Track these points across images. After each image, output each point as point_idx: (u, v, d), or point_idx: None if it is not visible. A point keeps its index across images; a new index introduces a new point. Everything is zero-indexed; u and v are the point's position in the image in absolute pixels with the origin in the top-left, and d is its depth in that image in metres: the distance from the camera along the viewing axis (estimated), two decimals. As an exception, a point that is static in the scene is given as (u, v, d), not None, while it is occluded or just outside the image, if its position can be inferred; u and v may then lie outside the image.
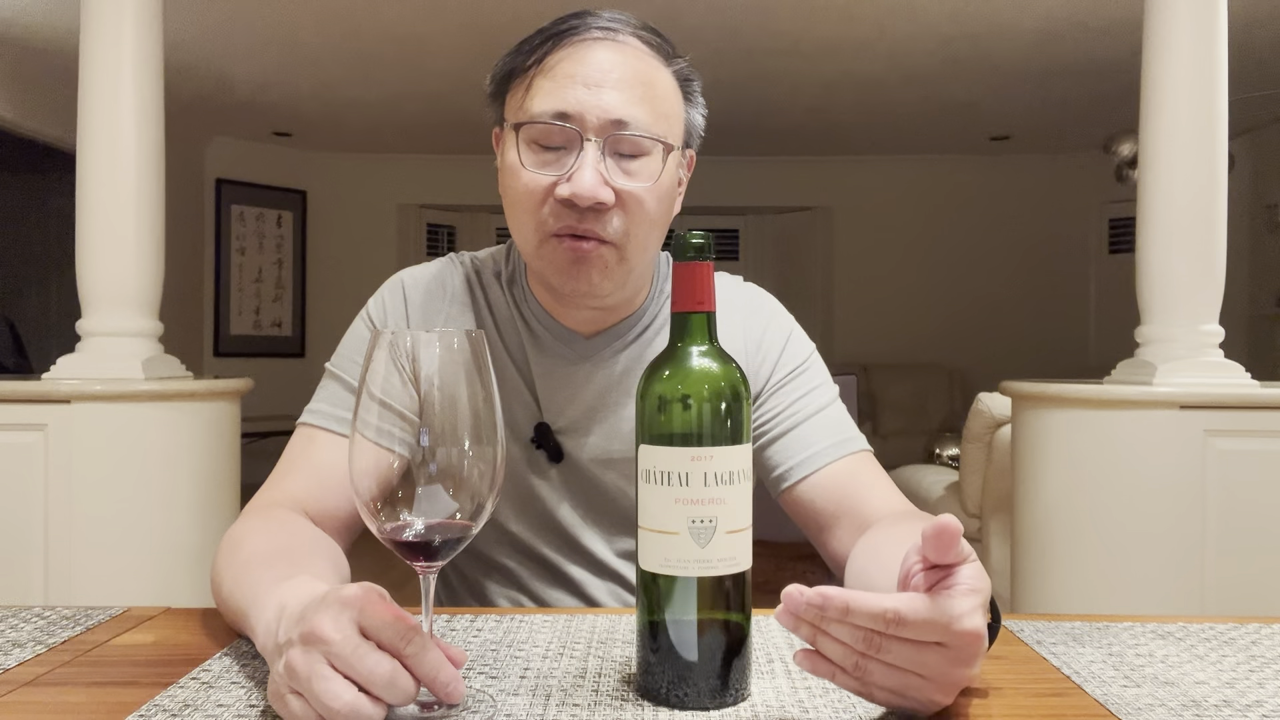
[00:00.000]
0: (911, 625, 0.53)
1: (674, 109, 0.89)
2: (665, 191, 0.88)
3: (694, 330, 0.62)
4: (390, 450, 0.58)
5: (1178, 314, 2.16)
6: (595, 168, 0.83)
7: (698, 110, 0.93)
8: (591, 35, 0.86)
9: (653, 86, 0.86)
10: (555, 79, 0.84)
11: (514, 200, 0.88)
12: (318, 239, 6.71)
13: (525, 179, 0.85)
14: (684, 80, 0.91)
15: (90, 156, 2.27)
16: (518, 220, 0.88)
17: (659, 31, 0.90)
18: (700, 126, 0.95)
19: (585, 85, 0.83)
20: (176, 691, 0.62)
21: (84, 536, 2.12)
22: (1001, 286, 6.73)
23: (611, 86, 0.84)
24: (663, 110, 0.87)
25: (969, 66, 4.66)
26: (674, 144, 0.87)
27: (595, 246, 0.85)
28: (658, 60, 0.88)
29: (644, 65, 0.87)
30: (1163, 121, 2.17)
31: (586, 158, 0.83)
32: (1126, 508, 2.08)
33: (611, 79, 0.84)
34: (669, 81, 0.89)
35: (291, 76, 4.89)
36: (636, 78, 0.85)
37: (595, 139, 0.83)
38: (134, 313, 2.29)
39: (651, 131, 0.85)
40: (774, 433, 0.96)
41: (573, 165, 0.83)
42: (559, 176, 0.84)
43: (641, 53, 0.87)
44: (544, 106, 0.84)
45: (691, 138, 0.93)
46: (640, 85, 0.85)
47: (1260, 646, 0.74)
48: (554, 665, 0.67)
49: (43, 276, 5.34)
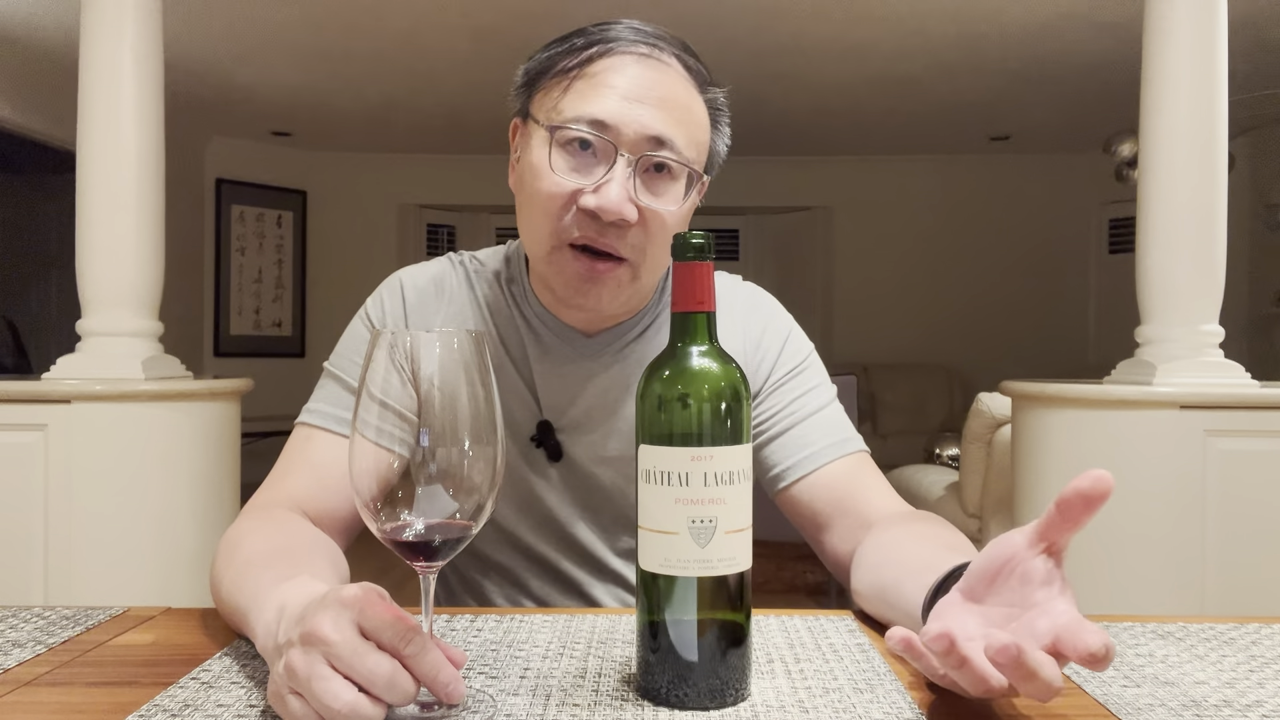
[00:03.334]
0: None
1: (704, 136, 0.89)
2: (684, 216, 0.88)
3: (694, 330, 0.62)
4: (390, 450, 0.58)
5: (1178, 314, 2.16)
6: (624, 183, 0.82)
7: (722, 139, 0.93)
8: (638, 50, 0.85)
9: (689, 111, 0.86)
10: (596, 86, 0.84)
11: (533, 201, 0.86)
12: (318, 239, 6.71)
13: (551, 182, 0.84)
14: (714, 110, 0.91)
15: (90, 156, 2.27)
16: (533, 222, 0.87)
17: (699, 56, 0.90)
18: (722, 156, 0.94)
19: (626, 98, 0.83)
20: (176, 691, 0.62)
21: (84, 536, 2.12)
22: (1001, 286, 6.73)
23: (652, 104, 0.83)
24: (695, 136, 0.87)
25: (969, 67, 4.66)
26: (700, 171, 0.88)
27: (611, 267, 0.85)
28: (694, 86, 0.88)
29: (683, 90, 0.86)
30: (1163, 121, 2.17)
31: (617, 171, 0.82)
32: (1126, 508, 2.08)
33: (653, 96, 0.83)
34: (702, 108, 0.89)
35: (291, 76, 4.89)
36: (676, 100, 0.85)
37: (628, 154, 0.83)
38: (134, 313, 2.29)
39: (684, 156, 0.85)
40: (772, 432, 0.96)
41: (602, 177, 0.83)
42: (586, 186, 0.83)
43: (681, 76, 0.87)
44: (582, 111, 0.83)
45: (712, 165, 0.93)
46: (679, 108, 0.85)
47: (1260, 646, 0.73)
48: (554, 665, 0.67)
49: (43, 276, 5.34)
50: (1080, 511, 0.55)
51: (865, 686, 0.64)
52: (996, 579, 0.59)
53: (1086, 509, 0.55)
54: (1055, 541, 0.57)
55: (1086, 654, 0.50)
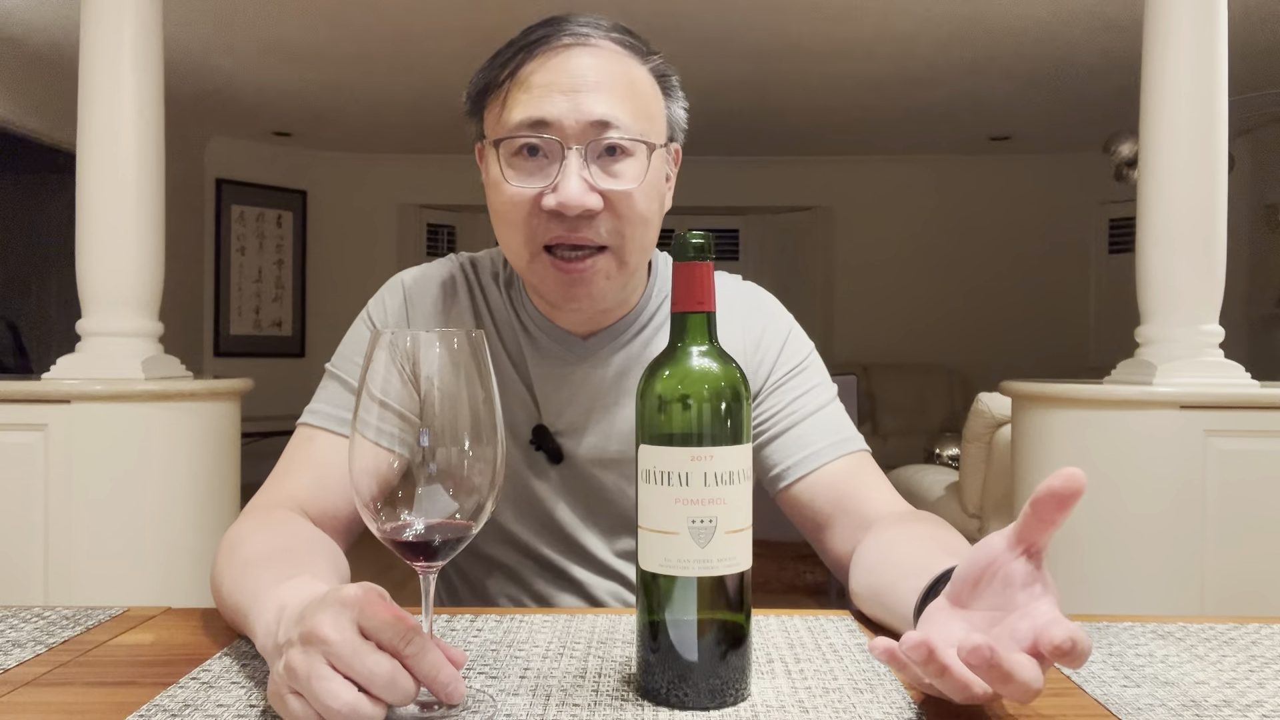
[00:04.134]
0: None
1: (655, 106, 0.89)
2: (653, 189, 0.88)
3: (694, 330, 0.62)
4: (390, 450, 0.58)
5: (1178, 314, 2.16)
6: (579, 175, 0.82)
7: (678, 104, 0.93)
8: (563, 42, 0.85)
9: (632, 86, 0.86)
10: (531, 89, 0.84)
11: (501, 215, 0.87)
12: (318, 239, 6.71)
13: (509, 193, 0.85)
14: (661, 76, 0.90)
15: (90, 156, 2.27)
16: (506, 235, 0.88)
17: (631, 30, 0.90)
18: (683, 120, 0.94)
19: (562, 92, 0.83)
20: (176, 691, 0.62)
21: (84, 536, 2.12)
22: (1001, 287, 6.73)
23: (589, 90, 0.83)
24: (644, 109, 0.86)
25: (969, 66, 4.66)
26: (657, 142, 0.87)
27: (590, 263, 0.85)
28: (634, 59, 0.88)
29: (621, 66, 0.86)
30: (1163, 121, 2.17)
31: (570, 166, 0.82)
32: (1126, 508, 2.08)
33: (589, 82, 0.83)
34: (647, 79, 0.88)
35: (291, 76, 4.89)
36: (614, 79, 0.85)
37: (577, 146, 0.83)
38: (134, 313, 2.29)
39: (634, 131, 0.84)
40: (772, 432, 0.96)
41: (557, 175, 0.83)
42: (544, 187, 0.83)
43: (617, 54, 0.86)
44: (521, 117, 0.83)
45: (675, 132, 0.93)
46: (619, 86, 0.85)
47: (1260, 646, 0.73)
48: (554, 665, 0.67)
49: (43, 276, 5.34)
50: (1054, 510, 0.55)
51: (865, 686, 0.64)
52: (979, 583, 0.59)
53: (1060, 508, 0.55)
54: (1034, 542, 0.57)
55: (1053, 648, 0.51)
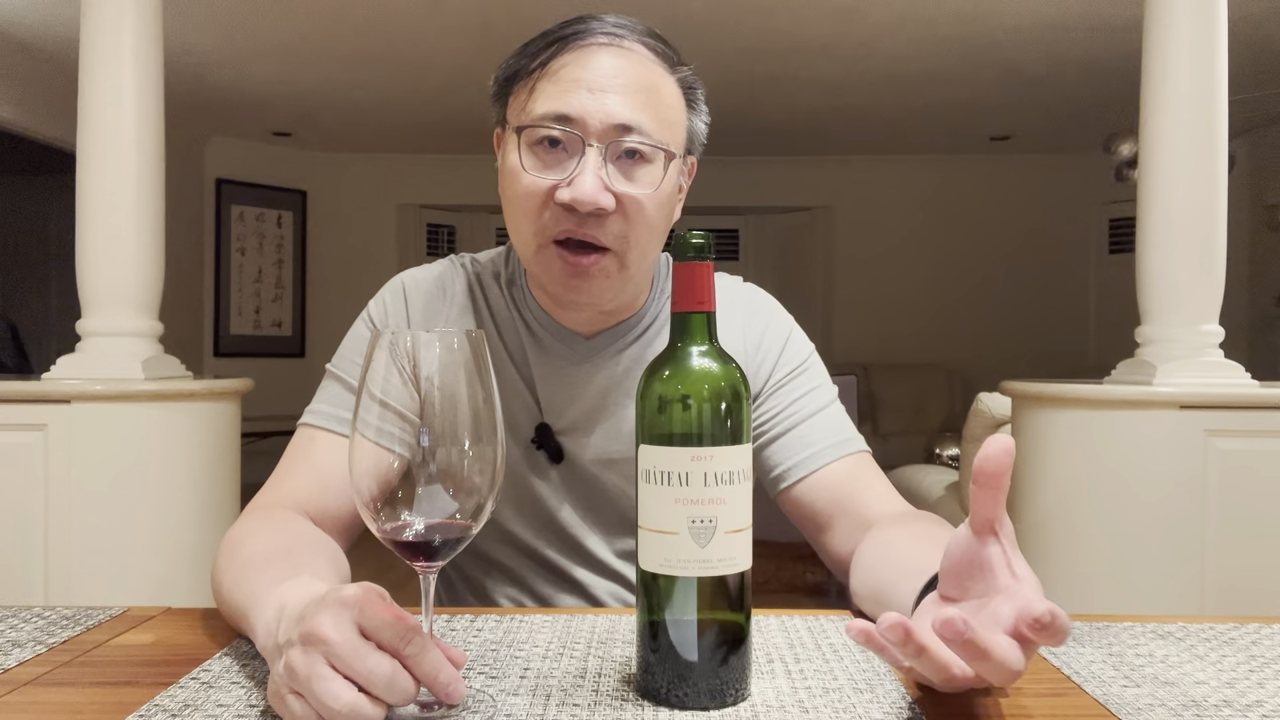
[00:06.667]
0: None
1: (677, 116, 0.89)
2: (666, 198, 0.88)
3: (694, 330, 0.62)
4: (390, 450, 0.58)
5: (1178, 314, 2.16)
6: (596, 173, 0.83)
7: (700, 118, 0.93)
8: (597, 40, 0.85)
9: (657, 93, 0.86)
10: (559, 82, 0.84)
11: (513, 203, 0.88)
12: (318, 239, 6.71)
13: (525, 182, 0.85)
14: (688, 88, 0.91)
15: (90, 156, 2.27)
16: (516, 223, 0.88)
17: (664, 39, 0.90)
18: (703, 134, 0.94)
19: (589, 90, 0.83)
20: (176, 691, 0.62)
21: (84, 536, 2.12)
22: (1002, 287, 6.73)
23: (616, 92, 0.83)
24: (666, 117, 0.87)
25: (969, 66, 4.66)
26: (676, 152, 0.87)
27: (595, 260, 0.85)
28: (662, 67, 0.88)
29: (648, 72, 0.86)
30: (1163, 121, 2.17)
31: (588, 163, 0.83)
32: (1127, 508, 2.08)
33: (616, 84, 0.84)
34: (673, 89, 0.89)
35: (291, 76, 4.89)
36: (641, 84, 0.85)
37: (597, 144, 0.83)
38: (134, 313, 2.29)
39: (654, 138, 0.85)
40: (773, 432, 0.96)
41: (574, 170, 0.83)
42: (560, 180, 0.84)
43: (646, 59, 0.87)
44: (546, 109, 0.84)
45: (694, 145, 0.93)
46: (644, 92, 0.85)
47: (1260, 646, 0.74)
48: (554, 665, 0.67)
49: (43, 276, 5.34)
50: (994, 475, 0.57)
51: (865, 686, 0.64)
52: (962, 576, 0.59)
53: (999, 470, 0.56)
54: (990, 517, 0.58)
55: (1033, 620, 0.51)
